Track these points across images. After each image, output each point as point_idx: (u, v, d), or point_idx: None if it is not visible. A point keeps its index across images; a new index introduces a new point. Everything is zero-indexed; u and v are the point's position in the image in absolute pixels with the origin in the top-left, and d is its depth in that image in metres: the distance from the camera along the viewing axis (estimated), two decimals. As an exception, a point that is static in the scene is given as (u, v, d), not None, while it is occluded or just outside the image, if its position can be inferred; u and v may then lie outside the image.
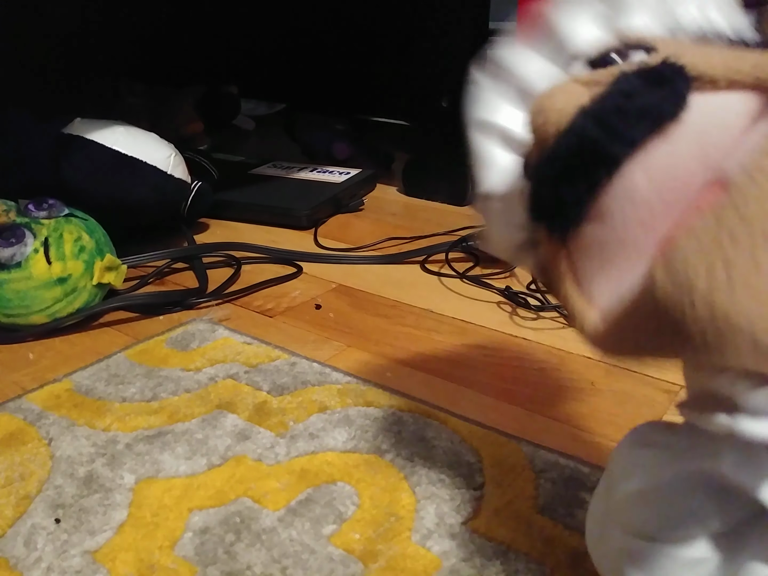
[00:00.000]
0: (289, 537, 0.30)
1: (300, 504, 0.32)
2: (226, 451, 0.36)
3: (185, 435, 0.37)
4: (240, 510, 0.31)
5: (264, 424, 0.38)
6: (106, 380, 0.42)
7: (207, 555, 0.29)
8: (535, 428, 0.37)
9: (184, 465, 0.35)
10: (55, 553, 0.29)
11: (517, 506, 0.32)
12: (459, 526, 0.30)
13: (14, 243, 0.46)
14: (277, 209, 0.72)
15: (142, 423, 0.38)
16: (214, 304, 0.53)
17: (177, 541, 0.30)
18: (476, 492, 0.33)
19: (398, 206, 0.79)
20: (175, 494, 0.32)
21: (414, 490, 0.33)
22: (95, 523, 0.31)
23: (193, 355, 0.45)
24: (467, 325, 0.50)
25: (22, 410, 0.39)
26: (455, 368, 0.44)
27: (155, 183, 0.59)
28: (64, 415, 0.39)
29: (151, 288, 0.57)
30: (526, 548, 0.29)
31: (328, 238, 0.68)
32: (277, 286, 0.57)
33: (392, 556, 0.29)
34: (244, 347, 0.46)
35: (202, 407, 0.39)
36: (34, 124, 0.59)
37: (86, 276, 0.49)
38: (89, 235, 0.50)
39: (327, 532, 0.30)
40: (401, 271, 0.60)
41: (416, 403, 0.40)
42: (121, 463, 0.35)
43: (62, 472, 0.34)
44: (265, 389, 0.41)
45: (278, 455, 0.35)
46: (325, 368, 0.43)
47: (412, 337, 0.48)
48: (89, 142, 0.56)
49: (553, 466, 0.34)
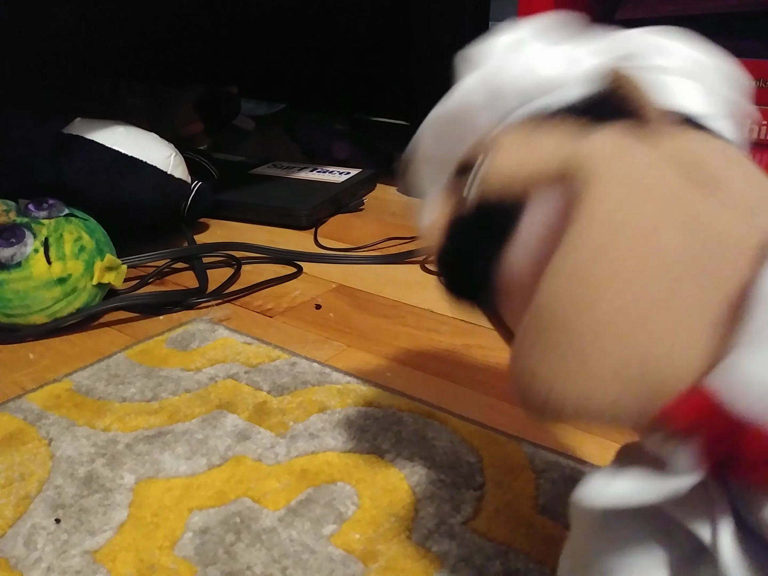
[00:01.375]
0: (290, 537, 0.30)
1: (300, 504, 0.32)
2: (226, 451, 0.36)
3: (185, 435, 0.37)
4: (240, 510, 0.31)
5: (264, 424, 0.38)
6: (106, 380, 0.42)
7: (207, 555, 0.29)
8: (535, 428, 0.37)
9: (185, 465, 0.35)
10: (55, 553, 0.29)
11: (517, 506, 0.32)
12: (459, 527, 0.30)
13: (14, 243, 0.46)
14: (277, 209, 0.72)
15: (142, 423, 0.38)
16: (214, 304, 0.53)
17: (177, 541, 0.30)
18: (476, 492, 0.32)
19: (399, 206, 0.79)
20: (176, 494, 0.32)
21: (414, 490, 0.33)
22: (95, 523, 0.31)
23: (193, 355, 0.45)
24: (467, 325, 0.50)
25: (22, 410, 0.39)
26: (455, 368, 0.44)
27: (155, 183, 0.58)
28: (64, 415, 0.39)
29: (151, 288, 0.57)
30: (526, 548, 0.29)
31: (329, 238, 0.68)
32: (277, 286, 0.57)
33: (392, 557, 0.29)
34: (244, 347, 0.46)
35: (202, 407, 0.39)
36: (34, 123, 0.59)
37: (86, 276, 0.49)
38: (89, 235, 0.50)
39: (327, 532, 0.30)
40: (401, 271, 0.60)
41: (416, 403, 0.40)
42: (121, 463, 0.35)
43: (62, 472, 0.34)
44: (265, 389, 0.41)
45: (278, 455, 0.35)
46: (325, 368, 0.43)
47: (413, 336, 0.48)
48: (89, 142, 0.56)
49: (554, 466, 0.34)
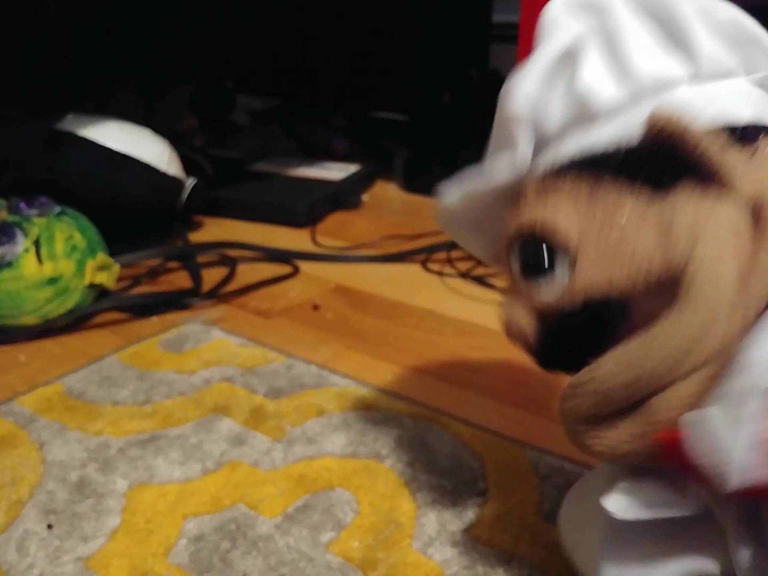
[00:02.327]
0: (287, 544, 0.29)
1: (297, 510, 0.31)
2: (222, 456, 0.35)
3: (179, 439, 0.36)
4: (236, 516, 0.31)
5: (260, 429, 0.37)
6: (98, 383, 0.41)
7: (202, 562, 0.28)
8: (539, 432, 0.37)
9: (178, 470, 0.34)
10: (47, 559, 0.29)
11: (520, 512, 0.31)
12: (461, 533, 0.30)
13: (5, 242, 0.45)
14: (273, 206, 0.71)
15: (135, 427, 0.37)
16: (209, 305, 0.52)
17: (171, 548, 0.29)
18: (479, 498, 0.32)
19: (398, 203, 0.78)
20: (169, 500, 0.32)
21: (414, 497, 0.32)
22: (88, 529, 0.30)
23: (187, 357, 0.44)
24: (470, 326, 0.49)
25: (13, 413, 0.38)
26: (457, 370, 0.43)
27: (149, 180, 0.58)
28: (55, 418, 0.38)
29: (144, 288, 0.56)
30: (529, 555, 0.29)
31: (327, 236, 0.67)
32: (273, 286, 0.56)
33: (392, 564, 0.28)
34: (239, 349, 0.45)
35: (196, 411, 0.39)
36: (25, 120, 0.58)
37: (78, 276, 0.48)
38: (81, 234, 0.49)
39: (325, 539, 0.30)
40: (402, 271, 0.59)
41: (417, 406, 0.39)
42: (114, 468, 0.34)
43: (54, 476, 0.33)
44: (261, 392, 0.40)
45: (275, 460, 0.35)
46: (323, 370, 0.43)
47: (413, 338, 0.48)
48: (81, 139, 0.55)
49: (559, 472, 0.33)
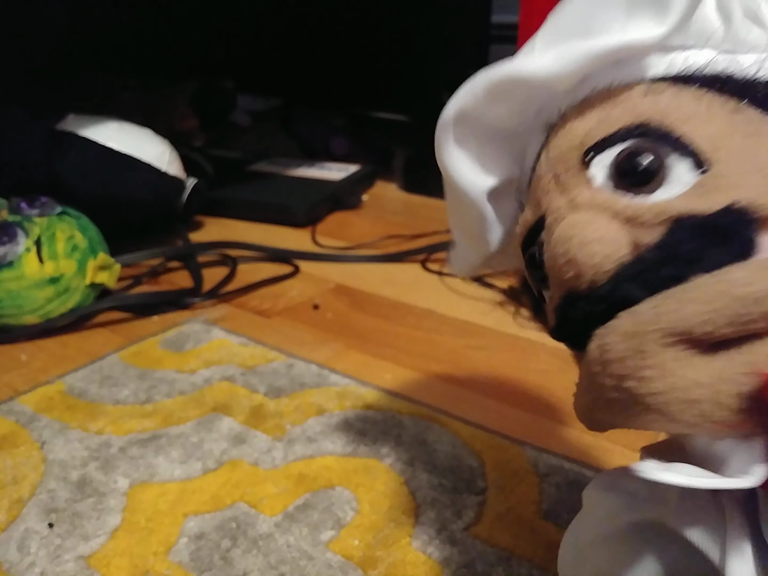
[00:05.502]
0: (287, 543, 0.29)
1: (297, 509, 0.31)
2: (222, 455, 0.35)
3: (180, 438, 0.36)
4: (236, 515, 0.31)
5: (260, 428, 0.37)
6: (99, 382, 0.42)
7: (202, 561, 0.28)
8: (538, 431, 0.37)
9: (179, 469, 0.34)
10: (48, 558, 0.29)
11: (520, 511, 0.31)
12: (460, 532, 0.30)
13: (6, 242, 0.46)
14: (273, 206, 0.71)
15: (136, 426, 0.37)
16: (210, 305, 0.53)
17: (172, 547, 0.29)
18: (478, 497, 0.32)
19: (398, 203, 0.78)
20: (170, 499, 0.32)
21: (414, 495, 0.32)
22: (89, 527, 0.30)
23: (187, 357, 0.44)
24: (469, 326, 0.49)
25: (15, 412, 0.38)
26: (456, 370, 0.43)
27: (149, 180, 0.58)
28: (56, 417, 0.38)
29: (145, 288, 0.56)
30: (529, 554, 0.29)
31: (327, 236, 0.67)
32: (273, 286, 0.56)
33: (392, 563, 0.28)
34: (240, 348, 0.45)
35: (197, 410, 0.39)
36: (26, 120, 0.59)
37: (79, 275, 0.48)
38: (82, 234, 0.49)
39: (325, 538, 0.30)
40: (401, 270, 0.59)
41: (416, 405, 0.39)
42: (115, 467, 0.34)
43: (55, 475, 0.33)
44: (261, 391, 0.41)
45: (275, 459, 0.35)
46: (323, 370, 0.43)
47: (413, 338, 0.48)
48: (82, 139, 0.56)
49: (558, 470, 0.33)
